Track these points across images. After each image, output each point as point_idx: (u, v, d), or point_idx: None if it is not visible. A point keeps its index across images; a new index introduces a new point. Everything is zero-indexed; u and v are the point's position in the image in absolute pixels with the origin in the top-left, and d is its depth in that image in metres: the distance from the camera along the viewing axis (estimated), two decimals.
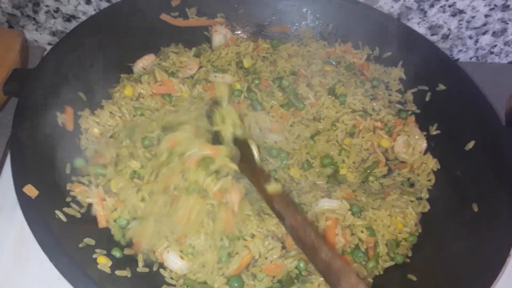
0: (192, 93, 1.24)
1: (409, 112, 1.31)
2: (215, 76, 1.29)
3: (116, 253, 0.95)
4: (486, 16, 1.57)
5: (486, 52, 1.70)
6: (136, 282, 0.91)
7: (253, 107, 1.24)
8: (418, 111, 1.31)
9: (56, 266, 0.80)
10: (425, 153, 1.23)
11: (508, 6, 1.53)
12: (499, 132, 1.12)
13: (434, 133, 1.25)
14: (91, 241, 0.93)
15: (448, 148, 1.20)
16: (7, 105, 1.23)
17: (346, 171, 1.18)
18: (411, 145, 1.23)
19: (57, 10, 1.52)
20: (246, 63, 1.37)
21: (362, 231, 1.03)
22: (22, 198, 0.88)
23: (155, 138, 1.08)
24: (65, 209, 0.95)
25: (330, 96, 1.28)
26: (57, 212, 0.93)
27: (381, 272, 1.02)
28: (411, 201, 1.10)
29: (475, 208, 1.04)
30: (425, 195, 1.14)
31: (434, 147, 1.23)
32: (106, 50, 1.25)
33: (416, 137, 1.23)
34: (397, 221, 1.05)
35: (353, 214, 1.05)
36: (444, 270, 0.97)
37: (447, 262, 0.98)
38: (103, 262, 0.90)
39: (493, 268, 0.90)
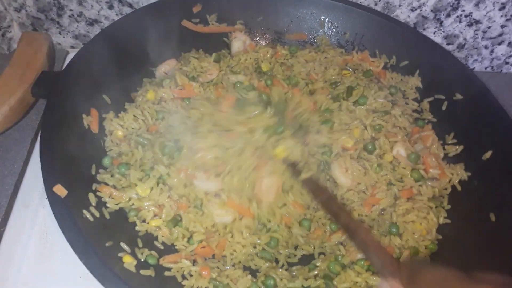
0: (205, 94, 1.27)
1: (426, 121, 1.33)
2: (228, 78, 1.33)
3: (151, 260, 0.97)
4: (502, 26, 1.58)
5: (501, 62, 1.71)
6: (160, 281, 0.94)
7: None
8: (434, 120, 1.33)
9: (85, 264, 0.82)
10: None
11: None
12: None
13: (451, 142, 1.26)
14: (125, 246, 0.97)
15: (465, 158, 1.21)
16: (34, 107, 1.26)
17: None
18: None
19: (80, 15, 1.56)
20: (264, 67, 1.40)
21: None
22: (52, 197, 0.91)
23: (174, 147, 1.11)
24: (92, 209, 0.98)
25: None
26: (85, 211, 0.96)
27: None
28: (430, 208, 1.11)
29: (493, 217, 1.05)
30: (446, 205, 1.15)
31: (450, 156, 1.24)
32: (129, 54, 1.28)
33: (434, 145, 1.25)
34: (421, 228, 1.06)
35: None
36: None
37: (465, 272, 0.99)
38: (129, 261, 0.92)
39: None
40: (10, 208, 1.14)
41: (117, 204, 1.03)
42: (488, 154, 1.16)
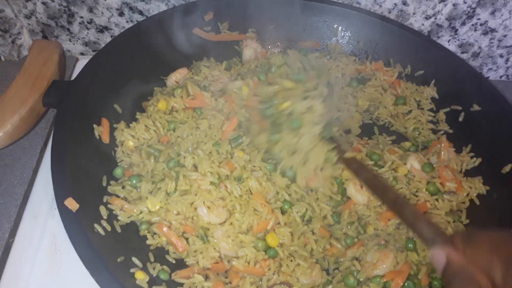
0: (217, 105, 1.24)
1: (441, 132, 1.30)
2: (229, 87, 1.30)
3: (163, 275, 0.95)
4: None
5: None
6: None
7: None
8: (451, 131, 1.30)
9: (97, 281, 0.80)
10: None
11: None
12: None
13: (468, 154, 1.23)
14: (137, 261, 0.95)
15: (483, 171, 1.18)
16: (44, 116, 1.25)
17: None
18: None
19: (90, 22, 1.55)
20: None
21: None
22: (63, 211, 0.89)
23: (177, 161, 1.08)
24: (103, 223, 0.96)
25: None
26: (96, 225, 0.94)
27: None
28: (448, 222, 1.09)
29: None
30: (464, 219, 1.12)
31: (468, 169, 1.21)
32: (140, 63, 1.27)
33: (450, 157, 1.22)
34: None
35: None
36: None
37: None
38: (141, 278, 0.90)
39: None
40: (19, 218, 1.12)
41: (128, 217, 1.01)
42: (507, 168, 1.13)
